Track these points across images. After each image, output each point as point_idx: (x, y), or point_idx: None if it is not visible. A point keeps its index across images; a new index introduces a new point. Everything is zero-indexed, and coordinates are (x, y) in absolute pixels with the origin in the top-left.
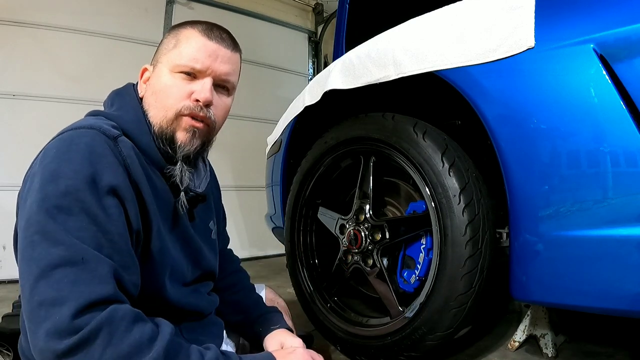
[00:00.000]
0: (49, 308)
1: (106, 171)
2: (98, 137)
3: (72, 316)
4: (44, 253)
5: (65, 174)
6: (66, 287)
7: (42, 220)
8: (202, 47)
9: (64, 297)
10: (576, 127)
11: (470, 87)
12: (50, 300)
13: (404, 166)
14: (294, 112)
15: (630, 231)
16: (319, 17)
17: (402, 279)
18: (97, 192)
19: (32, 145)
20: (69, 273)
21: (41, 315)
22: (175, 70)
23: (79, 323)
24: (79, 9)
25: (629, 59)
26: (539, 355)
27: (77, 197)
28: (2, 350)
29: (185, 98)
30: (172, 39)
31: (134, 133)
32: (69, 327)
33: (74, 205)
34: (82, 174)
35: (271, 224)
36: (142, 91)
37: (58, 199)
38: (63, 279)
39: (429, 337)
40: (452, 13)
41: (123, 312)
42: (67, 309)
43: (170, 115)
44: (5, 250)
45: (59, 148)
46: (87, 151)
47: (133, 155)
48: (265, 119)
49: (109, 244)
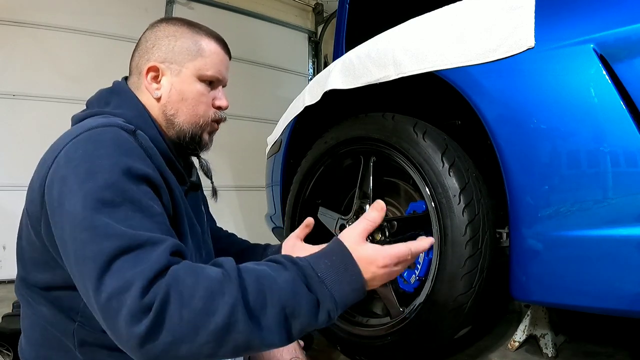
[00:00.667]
0: (119, 297)
1: (137, 162)
2: (119, 132)
3: (140, 295)
4: (98, 249)
5: (100, 169)
6: (127, 272)
7: (89, 216)
8: (223, 60)
9: (128, 281)
10: (576, 127)
11: (470, 87)
12: (118, 290)
13: (404, 166)
14: (294, 112)
15: (630, 231)
16: (319, 17)
17: (402, 279)
18: (134, 181)
19: (32, 145)
20: (128, 260)
21: (114, 307)
22: (202, 79)
23: (148, 299)
24: (79, 9)
25: (629, 59)
26: (539, 355)
27: (118, 188)
28: (2, 350)
29: (212, 106)
30: (191, 44)
31: (141, 128)
32: (142, 307)
33: (116, 197)
34: (117, 166)
35: (271, 224)
36: (151, 91)
37: (100, 193)
38: (123, 267)
39: (429, 337)
40: (452, 13)
41: (184, 269)
42: (134, 291)
43: (205, 121)
44: (5, 250)
45: (85, 148)
46: (115, 145)
47: (153, 146)
48: (265, 119)
49: (157, 227)
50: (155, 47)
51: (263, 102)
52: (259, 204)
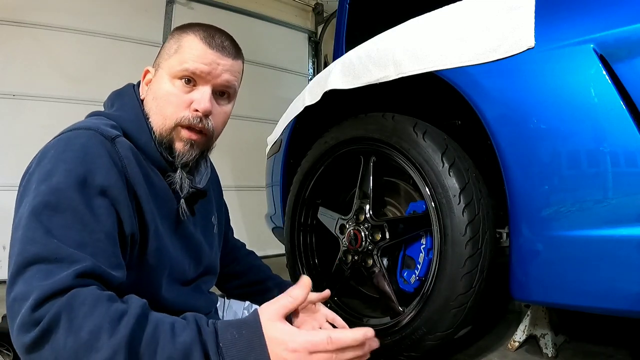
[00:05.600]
0: (19, 303)
1: (99, 172)
2: (95, 137)
3: (32, 308)
4: (21, 250)
5: (57, 172)
6: (34, 282)
7: (27, 217)
8: (202, 55)
9: (29, 292)
10: (576, 127)
11: (470, 87)
12: (20, 295)
13: (404, 166)
14: (294, 112)
15: (630, 231)
16: (319, 17)
17: (402, 279)
18: (86, 191)
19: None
20: (41, 270)
21: (15, 310)
22: (175, 77)
23: (39, 314)
24: (79, 9)
25: (629, 59)
26: (539, 355)
27: (65, 195)
28: (2, 351)
29: (185, 108)
30: (174, 44)
31: (133, 133)
32: (31, 320)
33: (61, 203)
34: (74, 172)
35: (271, 224)
36: (143, 93)
37: (47, 196)
38: (35, 275)
39: (429, 337)
40: (452, 13)
41: (84, 296)
42: (29, 302)
43: (169, 125)
44: (5, 250)
45: (56, 149)
46: (81, 151)
47: (130, 156)
48: (265, 119)
49: (93, 243)
50: (158, 52)
51: (263, 102)
52: (259, 204)
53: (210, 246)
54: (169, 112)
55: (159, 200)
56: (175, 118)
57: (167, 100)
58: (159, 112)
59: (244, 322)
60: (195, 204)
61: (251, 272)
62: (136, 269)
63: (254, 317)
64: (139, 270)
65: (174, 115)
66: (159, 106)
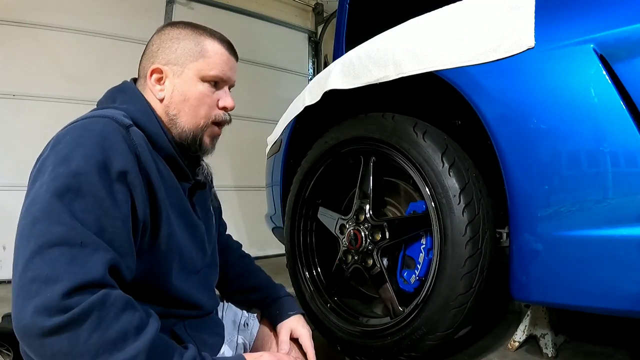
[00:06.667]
0: (41, 284)
1: (117, 158)
2: (111, 124)
3: (64, 295)
4: (44, 230)
5: (77, 157)
6: (61, 266)
7: (49, 198)
8: (227, 61)
9: (58, 275)
10: (576, 127)
11: (470, 87)
12: (44, 277)
13: (404, 166)
14: (294, 112)
15: (630, 231)
16: (319, 17)
17: (402, 279)
18: (107, 176)
19: (33, 145)
20: (66, 253)
21: (32, 291)
22: (204, 80)
23: (70, 302)
24: (79, 9)
25: (629, 59)
26: (539, 355)
27: (86, 180)
28: (2, 350)
29: (215, 107)
30: (194, 46)
31: (143, 123)
32: (59, 306)
33: (82, 187)
34: (94, 158)
35: (271, 224)
36: (156, 92)
37: (68, 179)
38: (59, 258)
39: (429, 337)
40: (452, 13)
41: (114, 297)
42: (59, 287)
43: (204, 123)
44: (5, 250)
45: (72, 135)
46: (100, 137)
47: (143, 144)
48: (265, 119)
49: (111, 229)
50: (160, 50)
51: (263, 102)
52: (259, 204)
53: (211, 236)
54: (203, 112)
55: (167, 189)
56: (210, 117)
57: (202, 102)
58: (192, 112)
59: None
60: (195, 196)
61: (243, 278)
62: (148, 255)
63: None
64: (151, 256)
65: (209, 114)
66: (191, 106)
